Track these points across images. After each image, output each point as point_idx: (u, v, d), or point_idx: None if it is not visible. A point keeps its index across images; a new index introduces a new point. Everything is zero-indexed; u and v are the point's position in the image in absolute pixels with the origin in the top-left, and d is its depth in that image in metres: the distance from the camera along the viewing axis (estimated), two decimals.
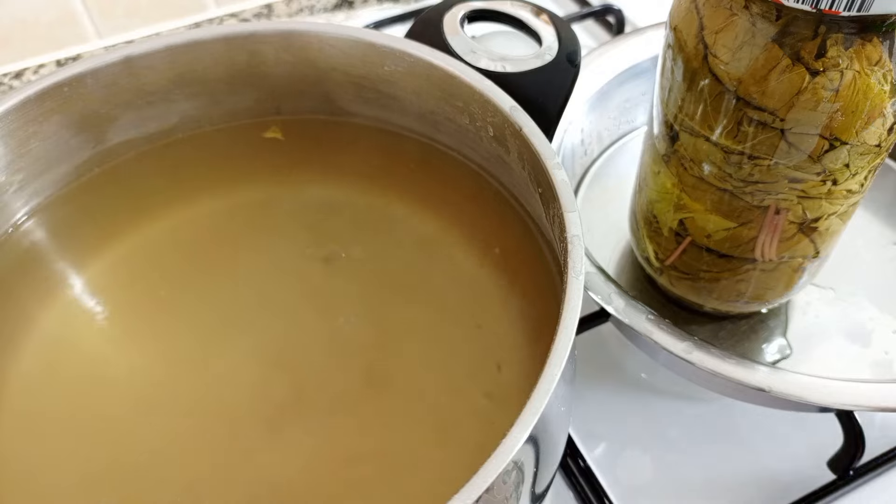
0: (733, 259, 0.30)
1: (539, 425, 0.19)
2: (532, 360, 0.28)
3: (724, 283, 0.32)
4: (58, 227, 0.32)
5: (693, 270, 0.32)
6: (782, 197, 0.27)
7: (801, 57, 0.23)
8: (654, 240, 0.33)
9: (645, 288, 0.37)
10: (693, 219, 0.30)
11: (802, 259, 0.30)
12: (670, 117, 0.28)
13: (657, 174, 0.30)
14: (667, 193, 0.30)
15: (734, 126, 0.25)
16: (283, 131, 0.35)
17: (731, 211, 0.28)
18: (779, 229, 0.28)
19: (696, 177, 0.28)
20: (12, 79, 0.54)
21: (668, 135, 0.29)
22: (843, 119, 0.23)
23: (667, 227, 0.31)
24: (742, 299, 0.33)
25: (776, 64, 0.23)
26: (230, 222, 0.33)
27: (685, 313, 0.36)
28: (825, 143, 0.24)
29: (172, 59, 0.31)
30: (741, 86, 0.24)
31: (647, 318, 0.31)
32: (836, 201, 0.27)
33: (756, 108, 0.24)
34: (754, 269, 0.30)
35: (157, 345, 0.29)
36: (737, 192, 0.27)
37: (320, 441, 0.27)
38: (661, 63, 0.28)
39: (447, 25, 0.31)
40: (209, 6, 0.59)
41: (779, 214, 0.27)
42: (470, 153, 0.32)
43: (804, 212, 0.27)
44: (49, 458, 0.26)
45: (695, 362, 0.29)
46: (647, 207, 0.32)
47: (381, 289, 0.31)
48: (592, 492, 0.32)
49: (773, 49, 0.23)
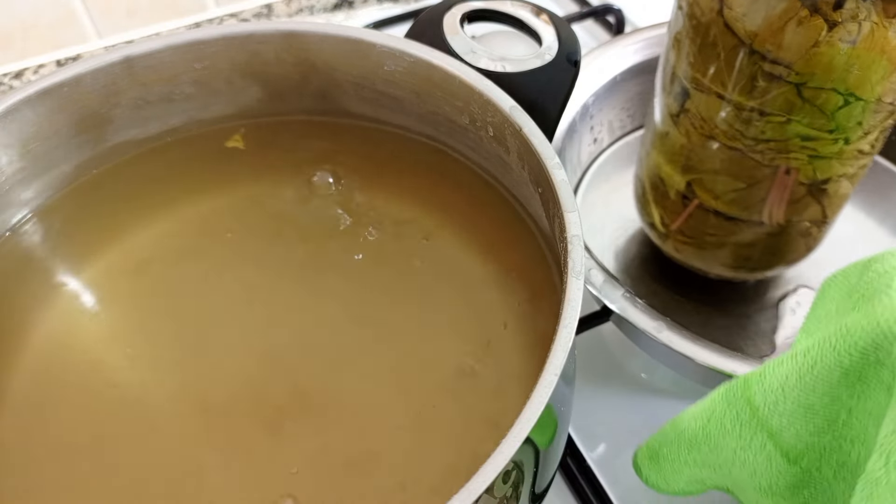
0: (740, 222, 0.30)
1: (539, 425, 0.19)
2: (532, 360, 0.28)
3: (729, 247, 0.31)
4: (58, 228, 0.32)
5: (699, 235, 0.32)
6: (793, 156, 0.26)
7: (818, 8, 0.22)
8: (661, 204, 0.33)
9: (645, 283, 0.37)
10: (701, 180, 0.29)
11: (810, 224, 0.30)
12: (681, 74, 0.27)
13: (665, 135, 0.30)
14: (675, 154, 0.30)
15: (748, 81, 0.25)
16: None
17: (741, 171, 0.28)
18: (788, 190, 0.28)
19: (706, 135, 0.28)
20: (12, 79, 0.54)
21: (679, 93, 0.28)
22: (860, 73, 0.23)
23: (674, 189, 0.31)
24: (748, 265, 0.32)
25: (793, 15, 0.23)
26: (231, 222, 0.33)
27: (682, 304, 0.36)
28: (840, 99, 0.24)
29: (172, 59, 0.31)
30: (757, 39, 0.24)
31: (622, 295, 0.31)
32: (846, 161, 0.27)
33: (771, 62, 0.24)
34: (762, 233, 0.30)
35: (157, 345, 0.29)
36: (747, 152, 0.27)
37: (320, 441, 0.27)
38: (673, 21, 0.27)
39: (447, 25, 0.31)
40: (209, 6, 0.59)
41: (789, 175, 0.27)
42: (470, 153, 0.32)
43: (814, 172, 0.27)
44: (49, 458, 0.26)
45: (665, 342, 0.29)
46: (654, 171, 0.32)
47: (380, 289, 0.31)
48: (592, 492, 0.32)
49: (792, 0, 0.23)
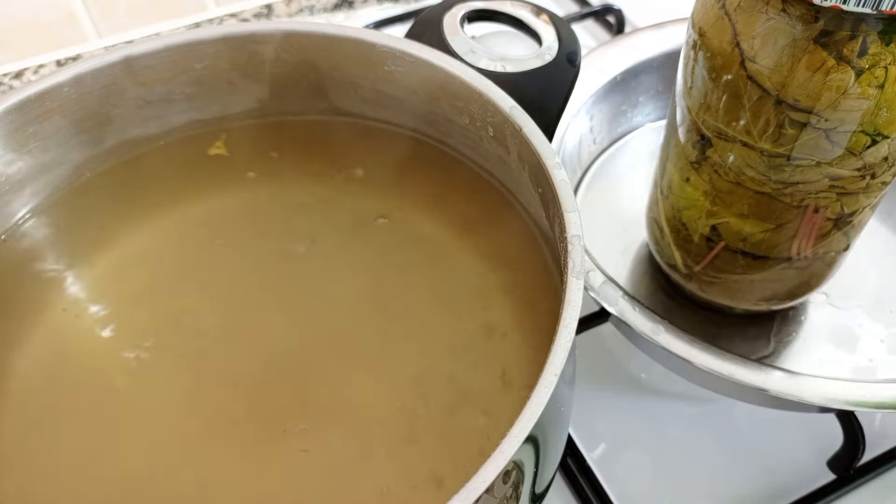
0: (768, 260, 0.30)
1: (539, 425, 0.19)
2: (532, 360, 0.28)
3: (757, 283, 0.32)
4: (58, 228, 0.32)
5: (725, 274, 0.32)
6: (822, 195, 0.27)
7: (843, 56, 0.23)
8: (683, 247, 0.33)
9: (645, 284, 0.37)
10: (727, 224, 0.29)
11: (835, 253, 0.30)
12: (701, 124, 0.28)
13: (685, 182, 0.30)
14: (697, 200, 0.30)
15: (775, 129, 0.25)
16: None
17: (769, 213, 0.28)
18: (816, 227, 0.28)
19: (731, 182, 0.28)
20: (12, 79, 0.54)
21: (699, 142, 0.28)
22: (888, 114, 0.23)
23: (697, 233, 0.31)
24: (776, 299, 0.33)
25: (821, 65, 0.23)
26: (231, 222, 0.33)
27: (681, 305, 0.36)
28: (867, 139, 0.24)
29: (172, 59, 0.31)
30: (784, 89, 0.24)
31: (621, 297, 0.31)
32: (871, 194, 0.27)
33: (800, 111, 0.24)
34: (789, 268, 0.30)
35: (157, 345, 0.29)
36: (776, 195, 0.27)
37: (321, 440, 0.27)
38: (687, 71, 0.28)
39: (447, 25, 0.31)
40: (209, 6, 0.59)
41: (817, 213, 0.27)
42: (470, 153, 0.32)
43: (842, 207, 0.27)
44: (49, 459, 0.26)
45: (663, 344, 0.30)
46: (673, 215, 0.32)
47: (379, 289, 0.31)
48: (592, 492, 0.32)
49: (817, 51, 0.23)
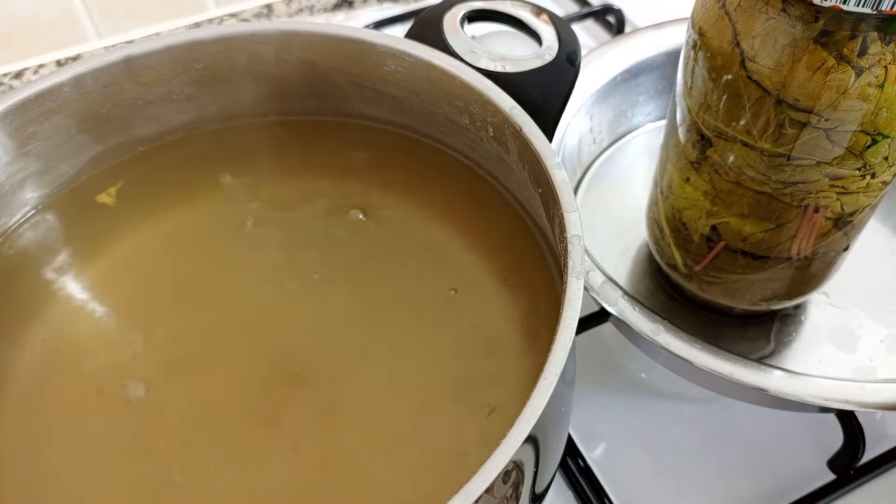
0: (768, 260, 0.30)
1: (539, 425, 0.19)
2: (532, 360, 0.28)
3: (757, 283, 0.32)
4: (58, 228, 0.32)
5: (725, 274, 0.32)
6: (822, 195, 0.27)
7: (843, 56, 0.23)
8: (683, 247, 0.33)
9: (645, 284, 0.37)
10: (727, 224, 0.30)
11: (835, 253, 0.30)
12: (701, 124, 0.28)
13: (686, 182, 0.30)
14: (697, 200, 0.30)
15: (775, 129, 0.25)
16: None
17: (769, 213, 0.28)
18: (817, 226, 0.28)
19: (731, 182, 0.28)
20: (12, 79, 0.54)
21: (699, 142, 0.28)
22: (888, 114, 0.24)
23: (697, 233, 0.31)
24: (776, 299, 0.33)
25: (821, 65, 0.23)
26: (231, 222, 0.33)
27: (681, 305, 0.36)
28: (868, 139, 0.24)
29: (172, 59, 0.31)
30: (784, 89, 0.24)
31: (621, 297, 0.31)
32: (871, 194, 0.27)
33: (800, 110, 0.24)
34: (789, 268, 0.30)
35: (157, 344, 0.29)
36: (776, 195, 0.27)
37: (321, 441, 0.27)
38: (687, 71, 0.28)
39: (447, 25, 0.31)
40: (209, 6, 0.59)
41: (817, 212, 0.27)
42: (470, 153, 0.32)
43: (842, 207, 0.27)
44: (49, 459, 0.26)
45: (662, 344, 0.30)
46: (673, 215, 0.32)
47: (378, 288, 0.31)
48: (592, 492, 0.32)
49: (817, 50, 0.23)
